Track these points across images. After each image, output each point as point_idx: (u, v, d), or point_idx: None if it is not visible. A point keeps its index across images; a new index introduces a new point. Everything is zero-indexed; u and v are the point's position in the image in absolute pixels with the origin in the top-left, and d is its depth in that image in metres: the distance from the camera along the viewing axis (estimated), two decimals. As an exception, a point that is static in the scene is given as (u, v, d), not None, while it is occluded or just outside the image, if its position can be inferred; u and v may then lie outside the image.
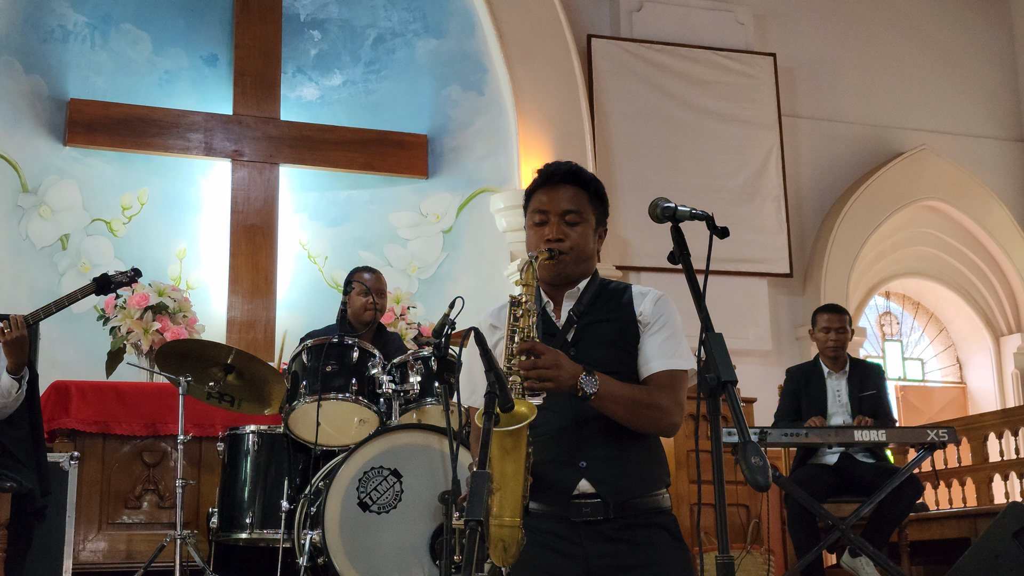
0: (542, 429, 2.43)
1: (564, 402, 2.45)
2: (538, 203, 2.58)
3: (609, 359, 2.50)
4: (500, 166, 7.14)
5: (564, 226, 2.55)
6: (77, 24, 6.71)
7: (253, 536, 4.34)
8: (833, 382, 5.55)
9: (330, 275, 7.09)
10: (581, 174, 2.61)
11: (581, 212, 2.57)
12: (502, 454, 2.32)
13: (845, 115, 8.16)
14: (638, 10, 7.66)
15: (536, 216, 2.58)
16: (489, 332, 2.62)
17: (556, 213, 2.55)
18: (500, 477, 2.33)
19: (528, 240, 2.62)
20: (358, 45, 7.30)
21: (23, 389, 4.16)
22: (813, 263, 7.81)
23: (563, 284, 2.60)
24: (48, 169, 6.53)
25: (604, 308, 2.57)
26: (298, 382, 4.34)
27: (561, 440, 2.48)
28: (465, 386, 2.67)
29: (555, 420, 2.46)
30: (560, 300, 2.60)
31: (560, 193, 2.57)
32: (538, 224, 2.57)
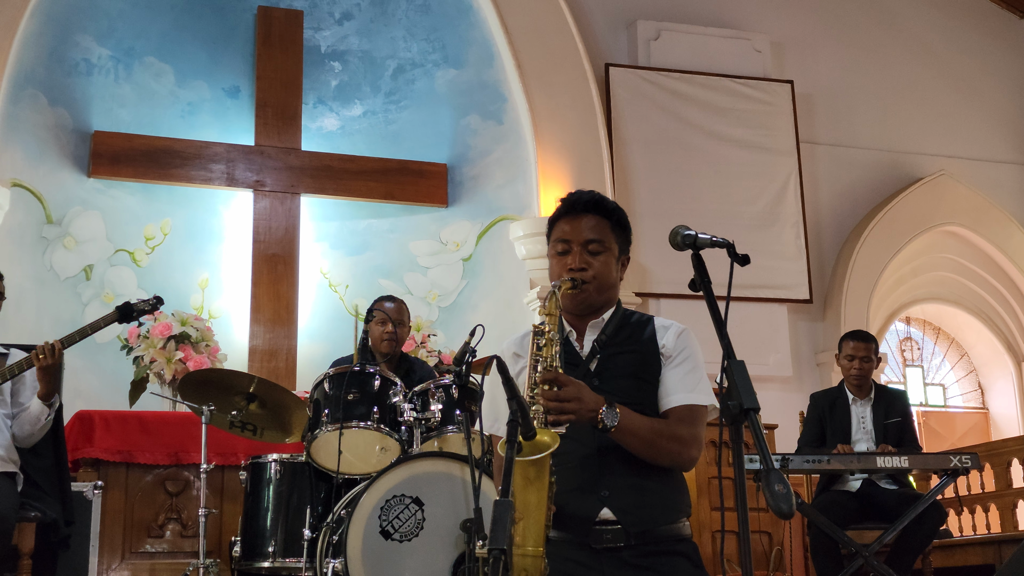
0: (564, 458, 2.44)
1: (587, 431, 2.46)
2: (561, 232, 2.60)
3: (631, 390, 2.52)
4: (519, 194, 7.17)
5: (587, 255, 2.56)
6: (101, 57, 6.80)
7: (276, 565, 4.35)
8: (858, 408, 5.52)
9: (351, 303, 7.13)
10: (604, 203, 2.62)
11: (603, 241, 2.58)
12: (525, 483, 2.33)
13: (863, 141, 8.17)
14: (656, 39, 7.70)
15: (559, 245, 2.59)
16: (512, 360, 2.63)
17: (579, 243, 2.57)
18: (523, 507, 2.33)
19: (551, 269, 2.63)
20: (378, 76, 7.37)
21: (51, 416, 4.21)
22: (833, 289, 7.79)
23: (586, 314, 2.61)
24: (72, 200, 6.60)
25: (627, 339, 2.58)
26: (320, 410, 4.36)
27: (583, 469, 2.49)
28: (487, 414, 2.67)
29: (578, 449, 2.47)
30: (583, 330, 2.61)
31: (583, 222, 2.58)
32: (561, 253, 2.58)
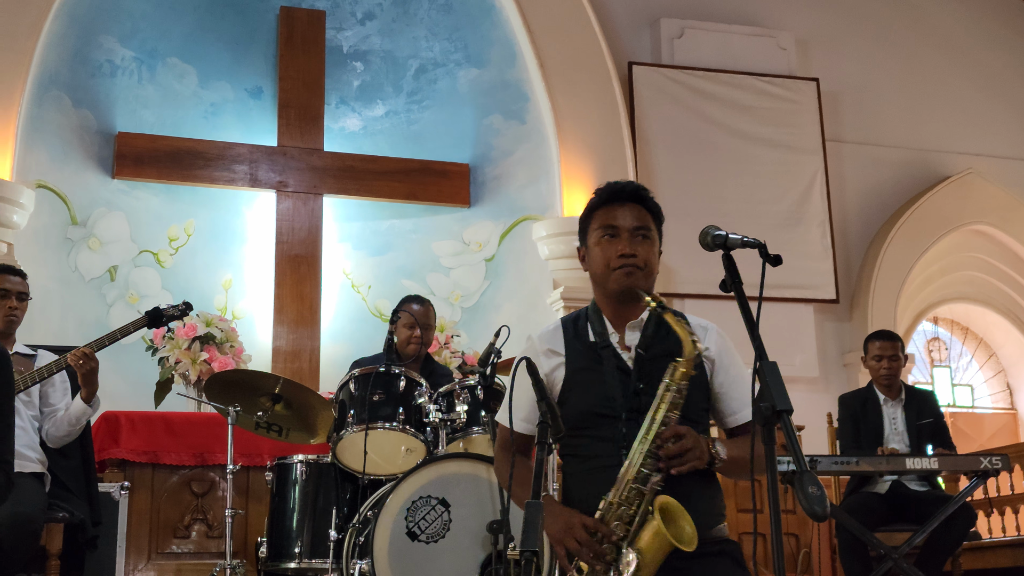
0: (613, 470, 2.43)
1: (617, 460, 2.46)
2: (607, 218, 2.58)
3: None
4: (542, 194, 7.15)
5: (635, 242, 2.54)
6: (124, 59, 6.83)
7: (302, 566, 4.34)
8: (889, 409, 5.48)
9: (374, 304, 7.12)
10: (646, 194, 2.62)
11: (649, 229, 2.58)
12: (655, 549, 2.32)
13: (890, 139, 8.10)
14: (679, 37, 7.66)
15: (605, 231, 2.57)
16: (546, 357, 2.61)
17: (627, 229, 2.55)
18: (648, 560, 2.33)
19: (594, 257, 2.60)
20: (400, 76, 7.36)
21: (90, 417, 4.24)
22: (859, 289, 7.73)
23: (626, 310, 2.58)
24: (97, 202, 6.63)
25: (666, 341, 2.55)
26: (345, 411, 4.34)
27: None
28: (513, 405, 2.62)
29: (615, 463, 2.45)
30: (622, 330, 2.59)
31: (628, 210, 2.57)
32: (608, 238, 2.56)
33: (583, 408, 2.54)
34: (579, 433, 2.55)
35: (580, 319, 2.66)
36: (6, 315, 4.28)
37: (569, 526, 2.38)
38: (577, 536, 2.36)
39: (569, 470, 2.61)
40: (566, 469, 2.62)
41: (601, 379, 2.54)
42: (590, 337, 2.60)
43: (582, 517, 2.39)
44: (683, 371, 2.42)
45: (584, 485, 2.50)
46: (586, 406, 2.54)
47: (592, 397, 2.53)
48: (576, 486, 2.55)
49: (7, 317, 4.28)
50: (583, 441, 2.55)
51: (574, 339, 2.61)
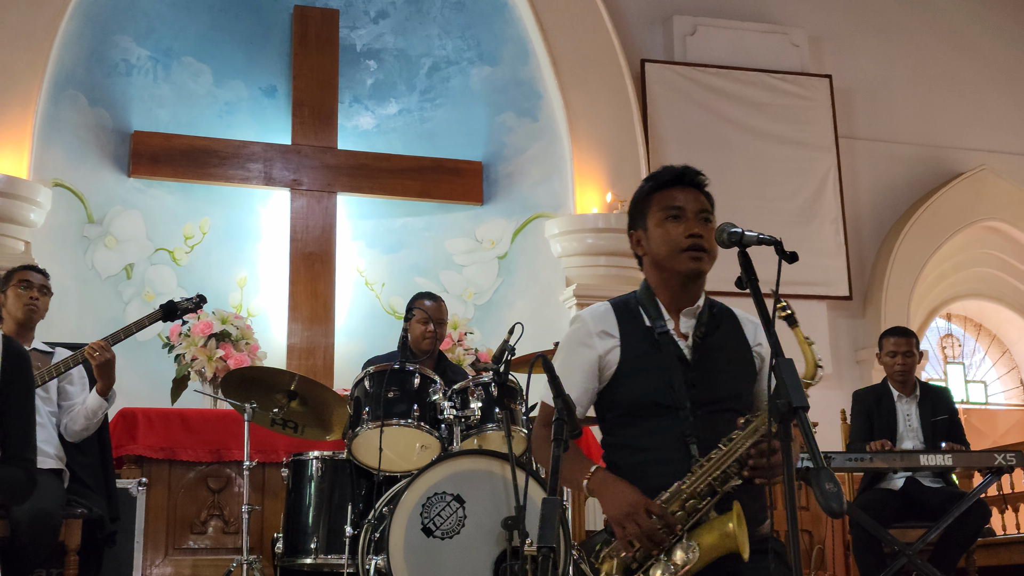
0: (665, 467, 2.42)
1: (681, 443, 2.44)
2: (671, 199, 2.53)
3: (727, 387, 2.50)
4: (555, 191, 7.16)
5: (700, 224, 2.50)
6: (140, 58, 6.86)
7: (318, 561, 4.36)
8: (903, 406, 5.48)
9: (387, 302, 7.15)
10: (704, 180, 2.58)
11: (711, 214, 2.54)
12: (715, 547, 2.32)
13: (903, 136, 8.09)
14: (692, 34, 7.67)
15: (669, 211, 2.52)
16: (599, 339, 2.55)
17: (693, 211, 2.51)
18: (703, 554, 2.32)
19: (655, 239, 2.54)
20: (413, 74, 7.38)
21: (107, 410, 4.28)
22: (873, 285, 7.72)
23: (684, 295, 2.54)
24: (113, 200, 6.67)
25: (719, 332, 2.54)
26: (360, 408, 4.37)
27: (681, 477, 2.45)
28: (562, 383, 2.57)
29: (677, 458, 2.43)
30: (676, 316, 2.54)
31: (690, 194, 2.54)
32: (673, 219, 2.51)
33: (639, 396, 2.48)
34: (632, 422, 2.49)
35: (631, 302, 2.59)
36: (26, 303, 4.32)
37: (633, 509, 2.33)
38: (639, 521, 2.32)
39: (618, 460, 2.53)
40: (613, 458, 2.55)
41: (659, 366, 2.47)
42: (645, 321, 2.53)
43: (646, 500, 2.35)
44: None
45: (636, 478, 2.42)
46: (643, 394, 2.48)
47: (650, 385, 2.47)
48: (627, 478, 2.45)
49: (27, 306, 4.33)
50: (636, 431, 2.49)
51: (629, 322, 2.54)
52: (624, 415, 2.50)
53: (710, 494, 2.35)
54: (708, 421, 2.44)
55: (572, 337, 2.60)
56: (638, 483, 2.41)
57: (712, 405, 2.46)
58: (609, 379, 2.53)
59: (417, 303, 4.92)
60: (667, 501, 2.36)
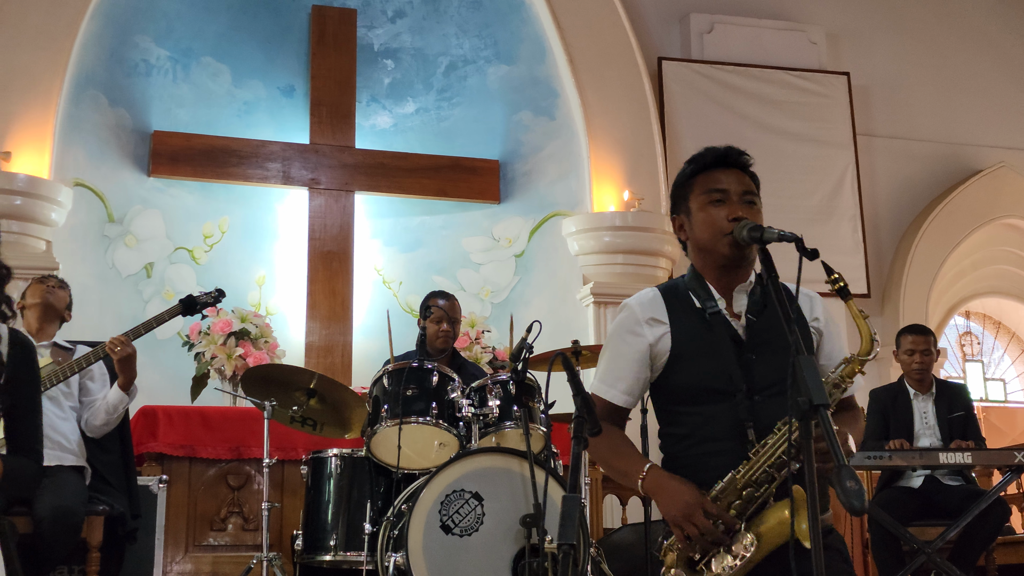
0: (723, 457, 2.35)
1: (738, 431, 2.37)
2: (714, 181, 2.44)
3: (784, 367, 2.30)
4: (572, 190, 7.17)
5: (744, 205, 2.43)
6: (160, 58, 6.90)
7: (337, 558, 4.38)
8: (920, 404, 5.47)
9: (405, 300, 7.17)
10: (749, 160, 2.51)
11: (755, 195, 2.47)
12: (775, 536, 2.26)
13: (921, 133, 8.06)
14: (709, 31, 7.66)
15: (714, 195, 2.43)
16: (648, 327, 2.46)
17: (736, 193, 2.44)
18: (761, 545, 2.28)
19: (698, 222, 2.46)
20: (430, 73, 7.40)
21: (128, 404, 4.31)
22: (891, 283, 7.70)
23: (732, 277, 2.46)
24: (133, 199, 6.71)
25: (775, 312, 2.42)
26: (379, 406, 4.39)
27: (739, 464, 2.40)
28: (607, 373, 2.51)
29: (733, 447, 2.36)
30: (730, 297, 2.46)
31: (733, 175, 2.46)
32: (715, 203, 2.43)
33: (695, 382, 2.40)
34: (689, 409, 2.41)
35: (679, 287, 2.50)
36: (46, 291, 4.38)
37: (689, 510, 2.27)
38: (697, 523, 2.26)
39: (676, 451, 2.45)
40: (671, 450, 2.46)
41: (713, 350, 2.39)
42: (695, 304, 2.45)
43: (702, 499, 2.28)
44: (854, 369, 2.34)
45: (697, 470, 2.35)
46: (699, 380, 2.39)
47: (705, 370, 2.39)
48: (686, 470, 2.38)
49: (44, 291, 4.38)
50: (695, 419, 2.40)
51: (678, 306, 2.46)
52: (680, 403, 2.43)
53: (767, 481, 2.28)
54: (766, 404, 2.35)
55: (619, 326, 2.51)
56: (697, 475, 2.34)
57: (769, 388, 2.36)
58: (663, 367, 2.44)
59: (430, 302, 4.95)
60: (722, 492, 2.30)
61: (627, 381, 2.47)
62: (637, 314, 2.48)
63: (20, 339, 2.62)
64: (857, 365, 2.35)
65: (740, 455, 2.33)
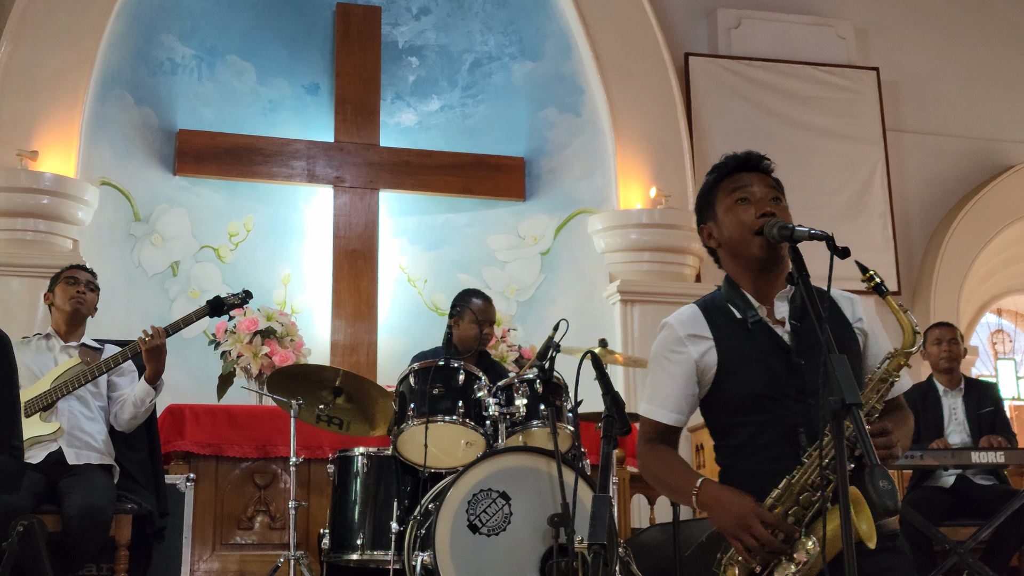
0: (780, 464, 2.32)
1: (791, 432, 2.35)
2: (740, 182, 2.45)
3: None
4: (597, 187, 7.13)
5: (772, 204, 2.41)
6: (185, 57, 6.92)
7: (364, 557, 4.37)
8: (949, 400, 5.43)
9: (430, 298, 7.16)
10: (769, 164, 2.51)
11: (781, 195, 2.46)
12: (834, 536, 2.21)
13: (952, 129, 7.97)
14: (736, 27, 7.60)
15: (740, 194, 2.43)
16: (692, 344, 2.44)
17: (763, 192, 2.43)
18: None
19: (727, 226, 2.45)
20: (455, 70, 7.38)
21: (155, 399, 4.32)
22: (922, 280, 7.62)
23: (769, 279, 2.44)
24: (159, 198, 6.73)
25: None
26: (405, 405, 4.38)
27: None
28: (654, 394, 2.50)
29: (788, 450, 2.34)
30: (771, 302, 2.44)
31: (758, 178, 2.46)
32: (743, 201, 2.42)
33: (744, 392, 2.37)
34: (741, 420, 2.39)
35: (717, 299, 2.49)
36: (72, 296, 4.38)
37: (744, 521, 2.24)
38: (755, 532, 2.23)
39: (731, 462, 2.43)
40: (726, 461, 2.45)
41: (759, 358, 2.37)
42: (735, 314, 2.43)
43: (758, 509, 2.25)
44: (899, 362, 2.32)
45: (755, 479, 2.32)
46: (747, 389, 2.37)
47: (752, 379, 2.36)
48: (742, 480, 2.36)
49: (74, 299, 4.38)
50: (748, 429, 2.38)
51: (718, 319, 2.44)
52: (731, 414, 2.40)
53: (824, 485, 2.23)
54: (817, 408, 2.31)
55: (661, 346, 2.49)
56: (755, 484, 2.31)
57: (819, 391, 2.30)
58: (711, 381, 2.43)
59: (467, 302, 4.92)
60: (778, 499, 2.26)
61: (674, 399, 2.45)
62: (678, 332, 2.46)
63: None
64: (901, 358, 2.33)
65: (795, 460, 2.30)
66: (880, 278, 2.28)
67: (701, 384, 2.45)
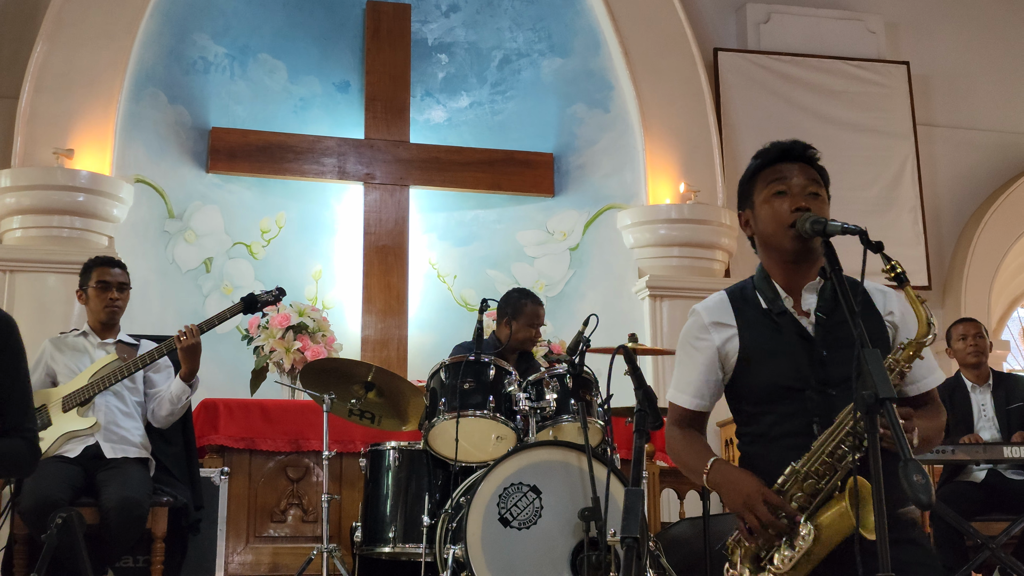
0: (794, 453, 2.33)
1: (807, 423, 2.36)
2: (777, 174, 2.44)
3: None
4: (626, 183, 7.14)
5: (808, 199, 2.42)
6: (217, 55, 6.98)
7: (396, 550, 4.42)
8: (978, 396, 5.41)
9: (459, 294, 7.19)
10: (815, 154, 2.51)
11: (820, 187, 2.46)
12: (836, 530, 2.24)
13: (982, 123, 7.91)
14: (765, 22, 7.58)
15: (777, 187, 2.44)
16: (715, 331, 2.47)
17: (799, 186, 2.43)
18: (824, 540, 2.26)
19: (762, 217, 2.46)
20: (484, 67, 7.41)
21: (191, 396, 4.37)
22: (952, 275, 7.58)
23: (800, 272, 2.45)
24: (192, 195, 6.80)
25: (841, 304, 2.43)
26: (436, 399, 4.41)
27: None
28: (678, 379, 2.53)
29: (806, 441, 2.34)
30: (799, 293, 2.45)
31: (798, 168, 2.45)
32: (779, 194, 2.43)
33: (766, 381, 2.40)
34: (763, 409, 2.42)
35: (747, 288, 2.50)
36: (107, 306, 4.43)
37: (750, 501, 2.28)
38: (758, 512, 2.26)
39: (752, 451, 2.46)
40: (748, 449, 2.47)
41: (782, 349, 2.39)
42: (762, 304, 2.45)
43: (763, 489, 2.28)
44: (911, 353, 2.32)
45: (770, 468, 2.33)
46: (770, 379, 2.39)
47: (775, 369, 2.39)
48: (759, 467, 2.37)
49: (108, 308, 4.44)
50: (769, 418, 2.41)
51: (745, 308, 2.47)
52: (753, 403, 2.43)
53: (828, 473, 2.26)
54: (839, 399, 2.32)
55: (687, 333, 2.53)
56: (771, 473, 2.32)
57: (844, 384, 2.33)
58: (733, 368, 2.46)
59: (524, 307, 4.97)
60: (783, 485, 2.29)
61: (696, 385, 2.49)
62: (703, 319, 2.50)
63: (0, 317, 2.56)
64: (913, 348, 2.33)
65: (804, 443, 2.32)
66: (901, 268, 2.28)
67: (724, 371, 2.49)
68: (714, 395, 2.53)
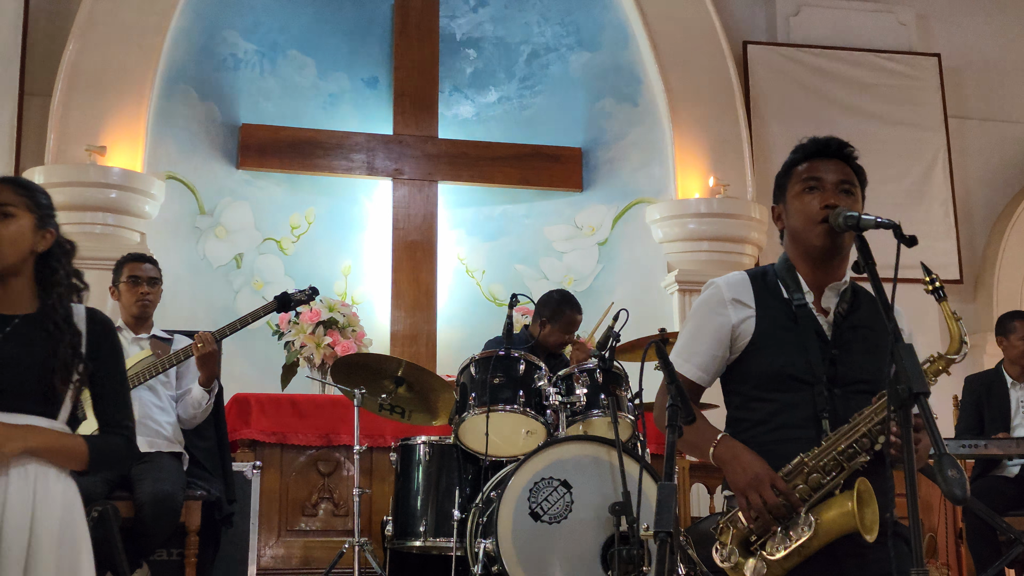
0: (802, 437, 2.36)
1: (813, 420, 2.38)
2: (811, 170, 2.45)
3: (868, 368, 2.41)
4: (655, 177, 7.12)
5: (839, 196, 2.42)
6: (247, 52, 7.02)
7: (427, 544, 4.44)
8: (1017, 392, 5.35)
9: (488, 289, 7.20)
10: (852, 152, 2.51)
11: (853, 185, 2.46)
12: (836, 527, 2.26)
13: (1014, 115, 7.83)
14: (795, 14, 7.54)
15: (806, 183, 2.45)
16: (733, 307, 2.49)
17: (832, 182, 2.43)
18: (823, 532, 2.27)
19: (793, 211, 2.47)
20: (512, 62, 7.41)
21: (211, 401, 4.39)
22: (984, 268, 7.52)
23: (825, 270, 2.46)
24: (223, 192, 6.85)
25: (863, 313, 2.47)
26: (467, 394, 4.43)
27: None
28: (684, 347, 2.53)
29: (808, 433, 2.37)
30: (822, 291, 2.47)
31: (832, 165, 2.46)
32: (809, 190, 2.44)
33: (776, 368, 2.40)
34: (765, 395, 2.43)
35: (769, 274, 2.52)
36: (139, 300, 4.47)
37: (758, 481, 2.29)
38: (763, 494, 2.28)
39: (748, 437, 2.44)
40: (743, 436, 2.45)
41: (796, 340, 2.40)
42: (783, 294, 2.46)
43: (772, 474, 2.29)
44: (939, 367, 2.34)
45: (769, 456, 2.34)
46: (779, 366, 2.40)
47: (786, 358, 2.40)
48: (758, 454, 2.37)
49: (140, 302, 4.47)
50: (770, 406, 2.42)
51: (765, 293, 2.48)
52: (756, 387, 2.44)
53: (836, 469, 2.29)
54: (844, 399, 2.36)
55: (704, 303, 2.53)
56: (768, 461, 2.34)
57: (850, 385, 2.37)
58: (742, 350, 2.46)
59: (564, 313, 4.99)
60: (789, 475, 2.30)
61: (702, 356, 2.49)
62: (724, 293, 2.50)
63: (98, 317, 2.62)
64: (942, 363, 2.35)
65: (813, 444, 2.34)
66: (941, 283, 2.33)
67: (733, 350, 2.49)
68: (717, 372, 2.52)
